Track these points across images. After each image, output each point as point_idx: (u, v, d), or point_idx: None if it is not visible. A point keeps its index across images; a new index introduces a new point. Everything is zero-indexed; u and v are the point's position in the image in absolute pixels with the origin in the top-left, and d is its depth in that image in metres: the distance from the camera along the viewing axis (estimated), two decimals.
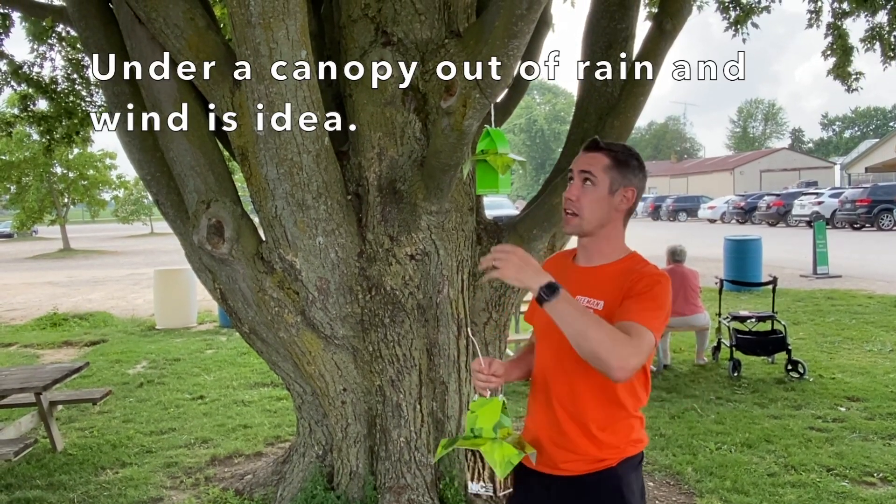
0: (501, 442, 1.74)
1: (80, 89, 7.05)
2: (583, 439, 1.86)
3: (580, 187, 1.87)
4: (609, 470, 1.86)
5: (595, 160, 1.88)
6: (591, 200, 1.86)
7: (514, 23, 2.54)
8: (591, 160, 1.88)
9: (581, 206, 1.87)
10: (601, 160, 1.87)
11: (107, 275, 19.61)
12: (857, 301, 10.31)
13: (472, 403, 1.83)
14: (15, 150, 26.19)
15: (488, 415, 1.78)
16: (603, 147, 1.89)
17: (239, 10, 2.81)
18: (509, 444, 1.74)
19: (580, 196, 1.87)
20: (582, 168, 1.88)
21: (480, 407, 1.80)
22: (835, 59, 6.19)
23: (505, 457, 1.71)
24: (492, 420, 1.77)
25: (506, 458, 1.71)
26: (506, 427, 1.78)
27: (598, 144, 1.90)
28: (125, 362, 8.02)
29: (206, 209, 3.51)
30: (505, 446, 1.73)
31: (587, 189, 1.87)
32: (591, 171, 1.86)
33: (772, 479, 4.15)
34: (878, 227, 24.91)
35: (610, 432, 1.87)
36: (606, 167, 1.87)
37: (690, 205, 40.20)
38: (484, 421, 1.77)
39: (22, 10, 5.71)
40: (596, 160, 1.87)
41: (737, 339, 6.58)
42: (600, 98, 4.05)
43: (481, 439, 1.75)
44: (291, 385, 3.98)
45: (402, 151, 3.46)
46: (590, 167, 1.87)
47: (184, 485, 4.40)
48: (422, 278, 3.51)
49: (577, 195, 1.87)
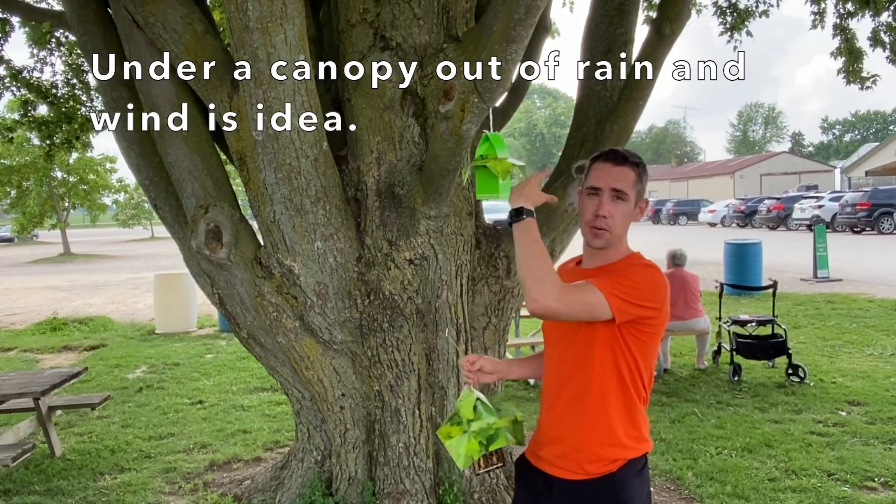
0: (469, 437, 1.89)
1: (80, 94, 7.06)
2: (583, 443, 1.87)
3: (612, 203, 1.87)
4: (608, 476, 1.86)
5: (624, 175, 1.88)
6: (622, 216, 1.89)
7: (513, 27, 2.53)
8: (621, 176, 1.87)
9: (614, 222, 1.88)
10: (629, 175, 1.88)
11: (107, 279, 19.60)
12: (858, 305, 10.29)
13: (462, 392, 1.97)
14: (15, 155, 26.19)
15: (465, 407, 1.92)
16: (629, 159, 1.89)
17: (237, 14, 2.81)
18: (477, 439, 1.89)
19: (612, 212, 1.87)
20: (614, 186, 1.87)
21: (462, 399, 1.94)
22: (843, 59, 6.19)
23: (468, 452, 1.88)
24: (467, 413, 1.91)
25: (468, 454, 1.88)
26: (482, 419, 1.89)
27: (626, 158, 1.89)
28: (124, 367, 8.00)
29: (204, 214, 3.51)
30: (471, 443, 1.89)
31: (618, 205, 1.87)
32: (624, 189, 1.87)
33: (772, 483, 4.13)
34: (878, 230, 24.90)
35: (609, 440, 1.86)
36: (634, 182, 1.89)
37: (691, 208, 40.21)
38: (463, 413, 1.91)
39: (21, 14, 5.71)
40: (625, 175, 1.88)
41: (737, 343, 6.56)
42: (599, 102, 4.05)
43: (456, 428, 1.91)
44: (290, 390, 3.97)
45: (401, 156, 3.46)
46: (622, 185, 1.87)
47: (182, 490, 4.39)
48: (421, 283, 3.50)
49: (610, 212, 1.87)
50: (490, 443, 1.90)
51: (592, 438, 1.87)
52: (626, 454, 1.87)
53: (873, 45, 6.02)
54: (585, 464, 1.87)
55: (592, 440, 1.87)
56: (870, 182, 35.47)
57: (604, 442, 1.86)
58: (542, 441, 1.99)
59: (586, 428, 1.87)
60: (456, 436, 1.91)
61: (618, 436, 1.87)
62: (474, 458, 1.89)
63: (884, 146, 46.94)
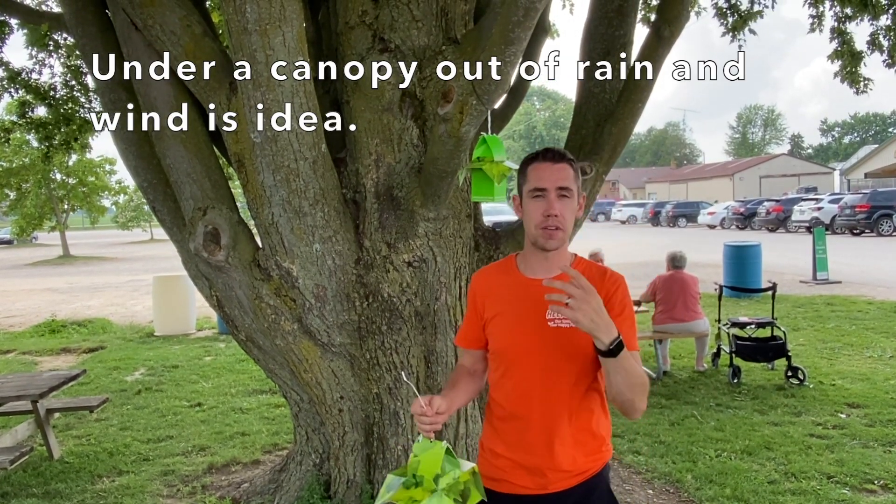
0: (441, 496, 1.65)
1: (79, 96, 7.05)
2: (571, 456, 1.87)
3: (559, 201, 1.84)
4: (596, 476, 1.91)
5: (566, 173, 1.85)
6: (570, 213, 1.86)
7: (511, 29, 2.53)
8: (563, 173, 1.85)
9: (565, 220, 1.85)
10: (569, 172, 1.86)
11: (106, 281, 19.59)
12: (857, 307, 10.29)
13: (415, 445, 1.71)
14: (13, 157, 26.20)
15: (430, 462, 1.67)
16: (565, 157, 1.87)
17: (235, 16, 2.81)
18: (451, 496, 1.66)
19: (562, 210, 1.84)
20: (559, 185, 1.84)
21: (423, 451, 1.69)
22: (841, 62, 6.20)
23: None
24: (433, 468, 1.67)
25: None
26: (449, 473, 1.67)
27: (563, 156, 1.87)
28: (123, 369, 7.99)
29: (202, 216, 3.50)
30: (445, 501, 1.64)
31: (565, 203, 1.85)
32: (568, 185, 1.85)
33: (772, 486, 4.12)
34: (877, 232, 24.91)
35: (593, 441, 1.91)
36: (574, 178, 1.87)
37: (690, 210, 40.22)
38: (426, 468, 1.67)
39: (19, 16, 5.71)
40: (566, 173, 1.86)
41: (736, 345, 6.56)
42: (598, 104, 4.05)
43: (419, 491, 1.65)
44: (288, 393, 3.96)
45: (400, 158, 3.45)
46: (566, 182, 1.85)
47: (181, 493, 4.37)
48: (419, 285, 3.50)
49: (560, 210, 1.84)
50: (465, 500, 1.68)
51: (579, 450, 1.90)
52: (604, 455, 1.95)
53: (871, 48, 6.02)
54: (573, 475, 1.89)
55: (579, 451, 1.90)
56: (869, 184, 35.53)
57: (588, 450, 1.91)
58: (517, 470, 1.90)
59: (573, 442, 1.89)
60: (422, 499, 1.65)
61: (597, 440, 1.93)
62: None
63: (883, 148, 46.98)
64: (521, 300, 1.90)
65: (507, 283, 1.94)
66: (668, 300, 6.85)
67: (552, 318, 1.83)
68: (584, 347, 1.79)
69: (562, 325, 1.81)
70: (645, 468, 4.51)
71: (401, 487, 1.68)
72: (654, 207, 43.25)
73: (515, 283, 1.93)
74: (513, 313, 1.90)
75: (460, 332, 2.09)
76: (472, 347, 2.03)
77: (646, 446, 4.86)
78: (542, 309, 1.84)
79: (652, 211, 42.79)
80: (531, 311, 1.86)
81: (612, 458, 2.42)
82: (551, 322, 1.83)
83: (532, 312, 1.86)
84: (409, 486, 1.66)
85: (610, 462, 1.98)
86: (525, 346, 1.86)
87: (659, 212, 41.90)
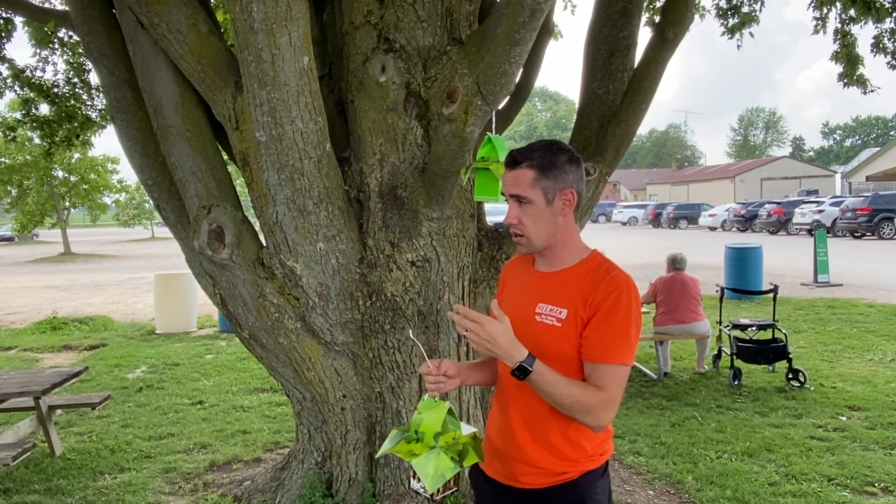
0: (439, 453, 1.70)
1: (81, 93, 7.06)
2: (542, 453, 1.81)
3: (517, 208, 1.80)
4: (570, 483, 1.82)
5: (519, 178, 1.79)
6: (532, 219, 1.80)
7: (517, 30, 2.54)
8: (515, 179, 1.80)
9: (525, 226, 1.80)
10: (526, 175, 1.78)
11: (107, 279, 19.60)
12: (858, 310, 10.29)
13: (420, 403, 1.77)
14: (16, 154, 26.22)
15: (433, 420, 1.73)
16: (521, 160, 1.79)
17: (241, 15, 2.81)
18: (449, 454, 1.71)
19: (520, 217, 1.80)
20: (512, 192, 1.80)
21: (427, 409, 1.75)
22: (843, 64, 6.22)
23: (438, 470, 1.69)
24: (434, 427, 1.72)
25: (439, 472, 1.68)
26: (450, 433, 1.73)
27: (515, 159, 1.80)
28: (124, 367, 8.00)
29: (206, 214, 3.51)
30: (441, 458, 1.70)
31: (525, 208, 1.79)
32: (520, 192, 1.79)
33: (772, 488, 4.13)
34: (878, 235, 24.90)
35: (570, 448, 1.81)
36: (533, 180, 1.78)
37: (691, 212, 40.22)
38: (427, 426, 1.73)
39: (25, 14, 5.72)
40: (520, 177, 1.79)
41: (737, 347, 6.56)
42: (602, 105, 4.06)
43: (419, 445, 1.72)
44: (291, 391, 3.97)
45: (404, 158, 3.46)
46: (518, 189, 1.79)
47: (182, 490, 4.38)
48: (422, 285, 3.51)
49: (516, 217, 1.80)
50: (462, 459, 1.72)
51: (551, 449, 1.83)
52: (584, 463, 1.86)
53: (875, 51, 6.04)
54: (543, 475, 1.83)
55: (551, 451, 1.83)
56: (870, 187, 35.50)
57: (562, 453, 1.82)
58: (496, 452, 1.89)
59: (544, 440, 1.82)
60: (421, 453, 1.70)
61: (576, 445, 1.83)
62: (447, 477, 1.68)
63: (884, 151, 46.95)
64: (523, 291, 1.90)
65: (522, 273, 1.95)
66: (668, 302, 6.86)
67: (540, 313, 1.80)
68: (566, 350, 1.75)
69: (546, 321, 1.78)
70: (646, 469, 4.52)
71: (402, 441, 1.73)
72: (655, 209, 43.25)
73: (526, 273, 1.94)
74: (513, 302, 1.89)
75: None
76: None
77: (646, 447, 4.87)
78: (534, 302, 1.82)
79: (653, 212, 42.80)
80: (525, 302, 1.86)
81: (613, 458, 2.39)
82: (538, 317, 1.80)
83: (526, 304, 1.85)
84: (411, 440, 1.73)
85: (595, 474, 1.85)
86: None
87: (660, 213, 41.90)
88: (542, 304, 1.81)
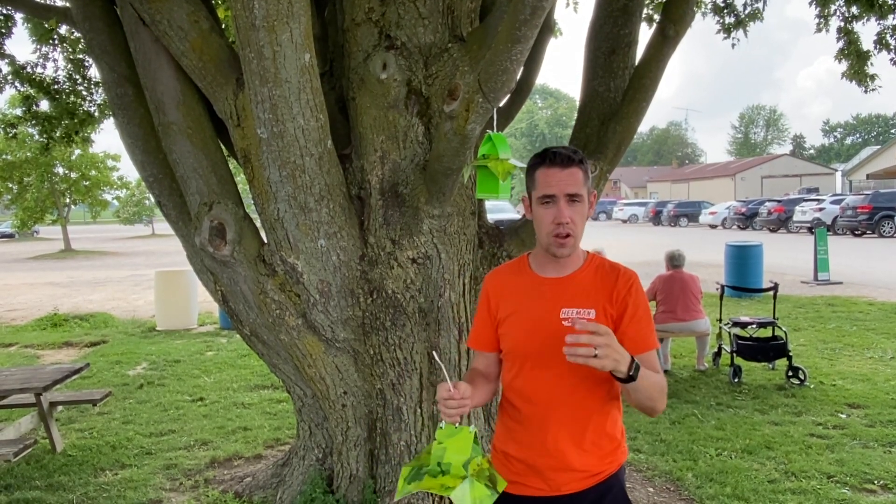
0: (472, 482, 1.57)
1: (82, 89, 7.06)
2: (587, 457, 1.85)
3: (569, 208, 1.80)
4: (611, 478, 1.89)
5: (575, 178, 1.80)
6: (581, 218, 1.82)
7: (518, 27, 2.54)
8: (571, 179, 1.80)
9: (576, 227, 1.81)
10: (578, 174, 1.81)
11: (108, 276, 19.61)
12: (858, 308, 10.30)
13: (438, 432, 1.63)
14: (16, 150, 26.22)
15: (458, 447, 1.61)
16: (576, 159, 1.81)
17: (243, 12, 2.81)
18: (482, 482, 1.59)
19: (573, 217, 1.80)
20: (568, 192, 1.79)
21: (449, 437, 1.61)
22: (848, 62, 6.21)
23: (476, 500, 1.56)
24: (462, 454, 1.60)
25: (477, 502, 1.56)
26: (474, 460, 1.61)
27: (572, 159, 1.81)
28: (125, 363, 8.01)
29: (208, 211, 3.52)
30: (476, 487, 1.56)
31: (576, 208, 1.81)
32: (577, 191, 1.80)
33: (772, 485, 4.14)
34: (879, 233, 24.91)
35: (609, 444, 1.89)
36: (584, 181, 1.82)
37: (691, 210, 40.22)
38: (453, 455, 1.60)
39: (26, 11, 5.71)
40: (575, 177, 1.80)
41: (737, 344, 6.57)
42: (603, 103, 4.05)
43: (449, 478, 1.57)
44: (292, 388, 3.98)
45: (405, 155, 3.47)
46: (575, 188, 1.80)
47: (183, 487, 4.39)
48: (423, 282, 3.51)
49: (570, 217, 1.80)
50: (495, 485, 1.61)
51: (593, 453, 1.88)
52: (618, 457, 1.93)
53: (878, 47, 6.04)
54: (587, 477, 1.87)
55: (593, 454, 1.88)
56: (871, 185, 35.48)
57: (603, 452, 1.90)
58: (531, 470, 1.88)
59: (588, 445, 1.87)
60: (455, 485, 1.56)
61: (613, 441, 1.92)
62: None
63: (885, 149, 46.93)
64: (535, 300, 1.87)
65: (521, 283, 1.92)
66: (668, 300, 6.86)
67: (567, 318, 1.80)
68: None
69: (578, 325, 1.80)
70: (646, 466, 4.53)
71: (426, 476, 1.60)
72: (656, 207, 43.25)
73: (529, 282, 1.91)
74: (527, 313, 1.87)
75: (472, 334, 2.03)
76: (485, 349, 1.99)
77: (646, 444, 4.88)
78: (556, 308, 1.82)
79: (653, 210, 42.80)
80: (546, 310, 1.84)
81: None
82: (566, 322, 1.79)
83: (546, 312, 1.84)
84: (436, 474, 1.59)
85: (624, 464, 1.95)
86: (539, 345, 1.82)
87: (660, 211, 41.90)
88: (567, 309, 1.81)
